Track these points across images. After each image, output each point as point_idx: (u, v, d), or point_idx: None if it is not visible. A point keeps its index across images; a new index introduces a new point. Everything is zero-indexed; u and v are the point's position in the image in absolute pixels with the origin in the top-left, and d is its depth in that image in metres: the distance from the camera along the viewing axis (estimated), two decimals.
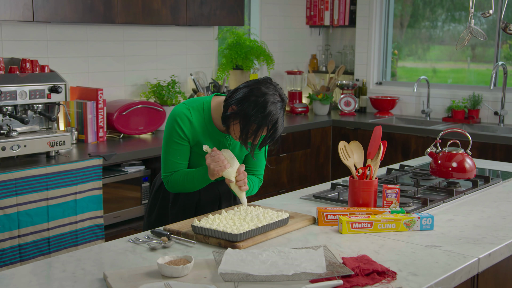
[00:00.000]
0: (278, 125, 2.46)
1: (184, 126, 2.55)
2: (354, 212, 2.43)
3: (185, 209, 2.72)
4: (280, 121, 2.46)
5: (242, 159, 2.73)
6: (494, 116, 5.39)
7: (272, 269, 1.85)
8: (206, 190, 2.72)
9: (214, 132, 2.59)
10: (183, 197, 2.72)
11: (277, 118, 2.44)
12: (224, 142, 2.62)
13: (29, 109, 3.71)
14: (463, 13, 5.80)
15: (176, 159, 2.59)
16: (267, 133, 2.45)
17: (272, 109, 2.41)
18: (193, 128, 2.57)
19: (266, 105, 2.40)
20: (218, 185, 2.75)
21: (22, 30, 4.08)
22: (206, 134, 2.59)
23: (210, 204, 2.74)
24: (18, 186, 3.35)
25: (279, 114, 2.44)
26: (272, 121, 2.43)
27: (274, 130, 2.46)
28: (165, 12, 4.45)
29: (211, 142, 2.60)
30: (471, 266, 2.07)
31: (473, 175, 3.04)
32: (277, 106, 2.43)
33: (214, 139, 2.60)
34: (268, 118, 2.41)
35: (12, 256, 3.36)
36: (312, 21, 6.28)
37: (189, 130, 2.56)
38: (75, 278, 1.88)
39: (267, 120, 2.41)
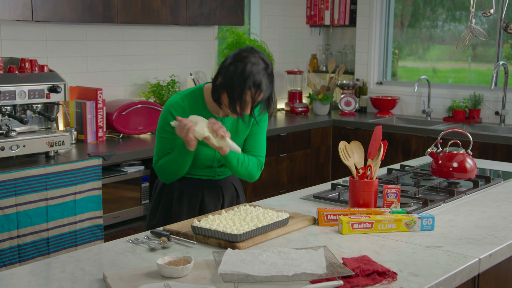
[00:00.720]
0: (263, 87, 2.47)
1: (176, 113, 2.59)
2: (354, 212, 2.43)
3: (189, 208, 2.73)
4: (264, 82, 2.47)
5: (241, 143, 2.73)
6: (495, 116, 5.38)
7: (272, 270, 1.85)
8: (209, 188, 2.74)
9: (209, 116, 2.62)
10: (186, 196, 2.73)
11: (260, 80, 2.46)
12: None
13: (28, 109, 3.70)
14: (464, 12, 5.79)
15: (164, 147, 2.63)
16: (254, 97, 2.47)
17: (253, 70, 2.44)
18: (187, 112, 2.60)
19: (245, 67, 2.45)
20: (220, 182, 2.77)
21: (21, 30, 4.08)
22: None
23: (213, 202, 2.76)
24: (17, 186, 3.34)
25: (262, 75, 2.46)
26: (254, 83, 2.45)
27: (259, 92, 2.47)
28: (164, 12, 4.45)
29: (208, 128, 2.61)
30: (472, 267, 2.06)
31: (474, 175, 3.04)
32: (259, 68, 2.46)
33: None
34: (250, 79, 2.44)
35: (11, 256, 3.35)
36: (312, 20, 6.28)
37: (183, 114, 2.59)
38: (74, 279, 1.88)
39: (249, 81, 2.44)
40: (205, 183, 2.75)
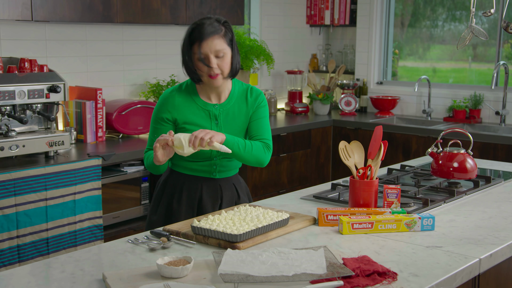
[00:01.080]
0: (205, 29, 2.56)
1: (169, 106, 2.65)
2: (354, 212, 2.43)
3: (188, 206, 2.74)
4: (207, 24, 2.57)
5: (241, 129, 2.73)
6: (496, 116, 5.38)
7: (272, 270, 1.85)
8: (208, 187, 2.75)
9: (202, 104, 2.69)
10: (186, 194, 2.74)
11: (202, 23, 2.58)
12: (213, 112, 2.69)
13: (27, 109, 3.70)
14: (464, 12, 5.79)
15: (153, 137, 2.69)
16: (202, 44, 2.55)
17: (196, 22, 2.61)
18: (179, 106, 2.66)
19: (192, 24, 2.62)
20: (220, 181, 2.77)
21: (21, 30, 4.07)
22: (195, 108, 2.67)
23: (211, 199, 2.76)
24: (16, 186, 3.34)
25: (203, 21, 2.59)
26: (193, 30, 2.58)
27: (204, 35, 2.56)
28: (164, 12, 4.44)
29: (201, 115, 2.67)
30: (472, 267, 2.06)
31: (474, 175, 3.03)
32: (202, 21, 2.59)
33: (203, 110, 2.68)
34: (189, 30, 2.60)
35: (10, 256, 3.35)
36: (312, 20, 6.28)
37: (174, 109, 2.65)
38: (74, 279, 1.88)
39: (188, 34, 2.59)
40: (204, 181, 2.75)
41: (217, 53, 2.56)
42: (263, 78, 5.95)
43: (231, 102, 2.72)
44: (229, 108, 2.71)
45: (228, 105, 2.71)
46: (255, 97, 2.76)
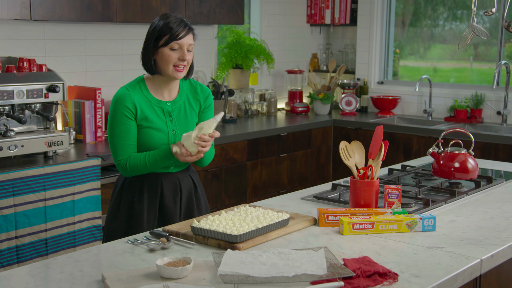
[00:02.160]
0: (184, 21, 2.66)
1: (127, 102, 2.66)
2: (355, 213, 2.43)
3: (149, 204, 2.74)
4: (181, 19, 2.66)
5: (192, 126, 2.78)
6: (497, 116, 5.37)
7: (272, 271, 1.85)
8: (167, 182, 2.76)
9: (155, 101, 2.72)
10: (146, 192, 2.74)
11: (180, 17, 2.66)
12: (167, 109, 2.74)
13: (26, 108, 3.70)
14: (465, 11, 5.78)
15: (125, 140, 2.67)
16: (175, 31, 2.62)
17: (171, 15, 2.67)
18: (136, 103, 2.67)
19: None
20: (177, 174, 2.79)
21: (20, 29, 4.06)
22: (149, 105, 2.70)
23: (172, 194, 2.77)
24: (15, 186, 3.33)
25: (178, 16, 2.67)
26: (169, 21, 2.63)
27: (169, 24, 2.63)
28: (163, 10, 4.43)
29: (156, 111, 2.70)
30: (474, 268, 2.06)
31: (475, 176, 3.03)
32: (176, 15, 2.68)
33: (157, 108, 2.72)
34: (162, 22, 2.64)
35: (9, 257, 3.34)
36: (312, 19, 6.27)
37: (132, 104, 2.67)
38: (73, 280, 1.88)
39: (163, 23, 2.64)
40: (163, 177, 2.76)
41: (189, 47, 2.66)
42: (263, 78, 5.94)
43: (181, 99, 2.78)
44: (181, 105, 2.77)
45: (179, 101, 2.77)
46: (206, 95, 2.85)
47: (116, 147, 2.68)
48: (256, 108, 5.68)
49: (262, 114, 5.74)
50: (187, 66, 2.70)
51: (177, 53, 2.64)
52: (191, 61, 2.71)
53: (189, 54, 2.67)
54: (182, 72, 2.69)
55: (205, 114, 2.84)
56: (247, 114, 5.62)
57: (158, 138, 2.69)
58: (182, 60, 2.64)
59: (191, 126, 2.78)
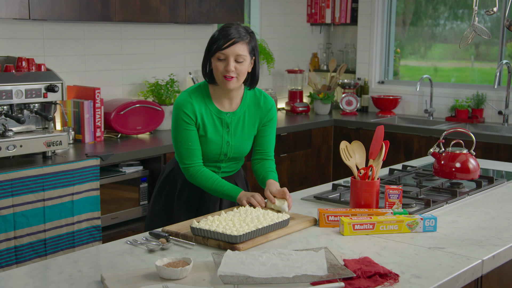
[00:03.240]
0: (230, 32, 2.60)
1: (188, 110, 2.64)
2: (355, 213, 2.43)
3: (189, 201, 2.77)
4: (233, 28, 2.62)
5: (248, 140, 2.78)
6: (498, 116, 5.36)
7: (272, 271, 1.85)
8: None
9: (215, 111, 2.69)
10: (187, 190, 2.77)
11: (229, 26, 2.62)
12: (225, 120, 2.71)
13: (25, 108, 3.69)
14: (466, 10, 5.77)
15: (187, 145, 2.66)
16: (224, 45, 2.58)
17: (225, 25, 2.64)
18: (197, 110, 2.66)
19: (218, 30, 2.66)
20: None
21: (18, 28, 4.06)
22: (209, 114, 2.68)
23: (211, 199, 2.78)
24: (14, 186, 3.32)
25: (229, 27, 2.63)
26: (220, 32, 2.60)
27: (228, 40, 2.58)
28: (163, 10, 4.43)
29: (214, 122, 2.68)
30: (475, 268, 2.06)
31: (476, 176, 3.03)
32: (230, 25, 2.63)
33: (216, 118, 2.69)
34: (216, 32, 2.63)
35: (7, 258, 3.33)
36: (313, 19, 6.26)
37: (193, 113, 2.65)
38: (72, 281, 1.88)
39: (215, 33, 2.62)
40: None
41: (237, 57, 2.59)
42: (263, 78, 5.93)
43: (243, 109, 2.74)
44: (241, 116, 2.74)
45: (240, 112, 2.73)
46: (269, 108, 2.79)
47: (180, 151, 2.68)
48: None
49: None
50: (240, 76, 2.61)
51: (223, 63, 2.59)
52: (243, 71, 2.62)
53: (240, 65, 2.59)
54: (232, 82, 2.61)
55: (266, 128, 2.80)
56: None
57: (210, 148, 2.69)
58: (227, 71, 2.58)
59: (248, 139, 2.76)
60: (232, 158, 2.77)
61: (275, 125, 2.84)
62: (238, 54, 2.58)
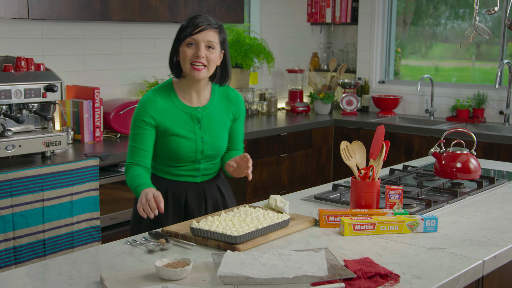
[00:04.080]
0: (199, 20, 2.55)
1: (150, 109, 2.59)
2: (356, 213, 2.42)
3: (174, 210, 2.70)
4: (203, 16, 2.58)
5: (221, 135, 2.71)
6: (500, 116, 5.36)
7: (272, 272, 1.85)
8: (191, 190, 2.70)
9: (183, 107, 2.64)
10: (171, 200, 2.69)
11: (199, 15, 2.58)
12: (196, 115, 2.65)
13: (24, 108, 3.68)
14: (467, 10, 5.77)
15: (136, 143, 2.60)
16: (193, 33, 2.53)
17: (194, 15, 2.61)
18: (162, 110, 2.60)
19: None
20: (203, 184, 2.73)
21: (17, 28, 4.05)
22: (177, 112, 2.62)
23: (196, 204, 2.72)
24: (12, 187, 3.32)
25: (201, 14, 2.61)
26: (188, 21, 2.56)
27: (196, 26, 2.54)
28: (163, 9, 4.42)
29: (183, 118, 2.62)
30: (476, 269, 2.06)
31: (477, 176, 3.02)
32: (200, 14, 2.62)
33: (185, 114, 2.63)
34: (184, 22, 2.59)
35: (6, 258, 3.33)
36: (313, 18, 6.25)
37: (156, 112, 2.59)
38: (71, 281, 1.88)
39: (184, 22, 2.58)
40: (188, 186, 2.70)
41: (208, 43, 2.55)
42: (263, 77, 5.92)
43: (213, 104, 2.69)
44: (211, 111, 2.68)
45: (210, 107, 2.68)
46: (237, 103, 2.76)
47: (128, 148, 2.64)
48: (256, 107, 5.67)
49: (262, 113, 5.73)
50: (209, 66, 2.56)
51: (193, 49, 2.54)
52: (213, 60, 2.56)
53: (210, 53, 2.54)
54: (201, 72, 2.55)
55: (236, 122, 2.76)
56: (247, 113, 5.60)
57: (185, 146, 2.62)
58: (197, 57, 2.52)
59: (222, 133, 2.71)
60: (210, 157, 2.69)
61: (244, 119, 2.81)
62: (209, 40, 2.54)
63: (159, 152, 2.65)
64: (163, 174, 2.70)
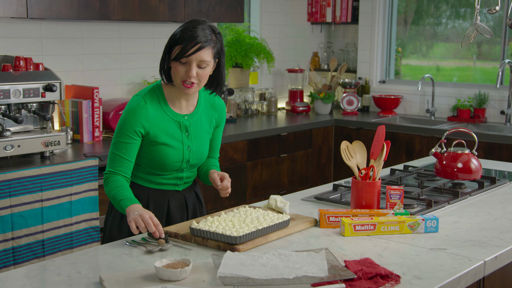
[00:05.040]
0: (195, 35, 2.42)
1: (141, 118, 2.48)
2: (356, 214, 2.42)
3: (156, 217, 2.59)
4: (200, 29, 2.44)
5: (205, 143, 2.65)
6: (501, 115, 5.35)
7: (272, 273, 1.85)
8: (173, 199, 2.64)
9: (172, 115, 2.54)
10: (152, 207, 2.61)
11: (195, 27, 2.44)
12: (184, 123, 2.56)
13: (23, 108, 3.67)
14: (469, 9, 5.76)
15: (121, 152, 2.48)
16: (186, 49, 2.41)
17: (182, 27, 2.47)
18: (151, 117, 2.49)
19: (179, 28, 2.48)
20: (184, 192, 2.67)
21: (16, 27, 4.04)
22: (166, 120, 2.53)
23: (179, 212, 2.66)
24: (11, 187, 3.31)
25: (197, 26, 2.46)
26: (184, 32, 2.43)
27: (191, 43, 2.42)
28: (162, 9, 4.41)
29: (172, 126, 2.53)
30: (477, 270, 2.05)
31: (479, 176, 3.02)
32: (190, 25, 2.45)
33: (174, 122, 2.54)
34: (177, 34, 2.45)
35: (5, 259, 3.32)
36: (313, 17, 6.24)
37: (147, 121, 2.49)
38: (70, 282, 1.88)
39: (176, 35, 2.45)
40: (169, 194, 2.63)
41: (200, 63, 2.43)
42: (263, 77, 5.92)
43: (199, 111, 2.62)
44: (197, 119, 2.61)
45: (196, 115, 2.60)
46: (222, 110, 2.69)
47: (111, 156, 2.50)
48: (256, 107, 5.66)
49: (262, 113, 5.72)
50: (200, 82, 2.46)
51: (184, 67, 2.43)
52: (204, 77, 2.47)
53: (202, 70, 2.44)
54: (191, 89, 2.45)
55: (217, 130, 2.70)
56: (247, 113, 5.59)
57: (172, 155, 2.52)
58: (188, 76, 2.42)
59: (206, 142, 2.64)
60: (193, 165, 2.62)
61: (221, 130, 2.75)
62: (201, 60, 2.42)
63: (143, 160, 2.55)
64: (144, 183, 2.60)
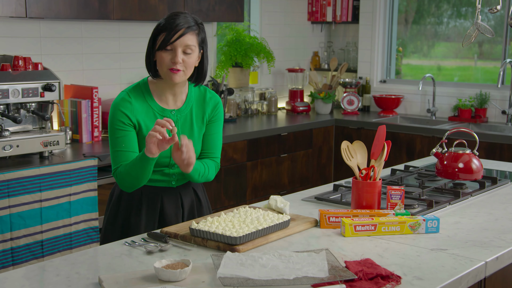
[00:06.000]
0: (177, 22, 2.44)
1: (126, 110, 2.48)
2: (357, 214, 2.41)
3: (148, 218, 2.60)
4: (182, 17, 2.46)
5: (198, 140, 2.62)
6: (502, 115, 5.35)
7: (272, 273, 1.85)
8: (168, 197, 2.62)
9: (158, 109, 2.53)
10: (145, 206, 2.60)
11: (177, 15, 2.46)
12: (171, 118, 2.54)
13: (21, 108, 3.68)
14: (470, 9, 5.75)
15: (120, 147, 2.48)
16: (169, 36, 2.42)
17: (171, 13, 2.48)
18: (136, 110, 2.49)
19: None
20: (179, 189, 2.65)
21: (15, 27, 4.05)
22: (151, 114, 2.52)
23: (173, 209, 2.64)
24: (10, 187, 3.31)
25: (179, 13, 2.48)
26: (166, 20, 2.45)
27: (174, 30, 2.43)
28: (162, 8, 4.41)
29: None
30: (478, 270, 2.05)
31: (480, 176, 3.01)
32: (177, 13, 2.47)
33: (160, 117, 2.52)
34: (161, 22, 2.47)
35: (4, 259, 3.32)
36: (314, 17, 6.24)
37: (132, 113, 2.48)
38: (69, 283, 1.87)
39: (161, 21, 2.46)
40: (163, 191, 2.61)
41: (185, 48, 2.44)
42: (263, 76, 5.91)
43: (188, 106, 2.59)
44: (187, 114, 2.59)
45: (185, 110, 2.58)
46: (214, 106, 2.64)
47: (112, 156, 2.50)
48: (256, 107, 5.65)
49: (262, 113, 5.71)
50: (187, 70, 2.46)
51: (170, 54, 2.43)
52: (191, 64, 2.46)
53: (188, 57, 2.44)
54: (179, 76, 2.44)
55: (211, 125, 2.64)
56: (247, 113, 5.59)
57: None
58: (174, 63, 2.41)
59: (197, 138, 2.60)
60: None
61: (221, 124, 2.68)
62: (186, 44, 2.43)
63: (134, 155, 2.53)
64: None
